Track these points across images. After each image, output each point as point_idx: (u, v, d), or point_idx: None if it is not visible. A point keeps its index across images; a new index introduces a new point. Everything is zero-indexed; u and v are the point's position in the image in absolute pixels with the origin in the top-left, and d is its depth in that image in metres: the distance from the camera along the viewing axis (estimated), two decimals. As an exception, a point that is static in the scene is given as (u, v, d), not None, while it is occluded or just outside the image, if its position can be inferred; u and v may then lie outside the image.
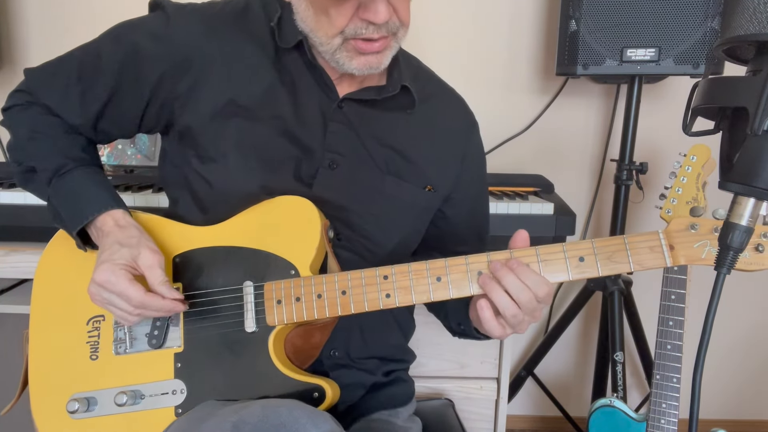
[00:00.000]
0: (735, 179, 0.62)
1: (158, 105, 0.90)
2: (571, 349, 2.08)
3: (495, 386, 1.41)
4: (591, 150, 1.93)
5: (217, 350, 0.85)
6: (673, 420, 1.25)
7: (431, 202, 0.99)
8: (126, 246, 0.82)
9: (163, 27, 0.88)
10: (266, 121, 0.88)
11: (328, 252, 0.87)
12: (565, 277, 0.77)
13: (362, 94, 0.91)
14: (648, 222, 1.94)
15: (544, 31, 1.84)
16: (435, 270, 0.80)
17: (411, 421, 1.03)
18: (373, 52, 0.82)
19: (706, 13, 1.45)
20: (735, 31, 0.61)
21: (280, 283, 0.83)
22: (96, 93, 0.89)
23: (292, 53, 0.89)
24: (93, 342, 0.89)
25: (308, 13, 0.82)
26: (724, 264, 0.64)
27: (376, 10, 0.76)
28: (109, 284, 0.79)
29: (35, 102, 0.91)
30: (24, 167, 0.91)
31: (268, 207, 0.86)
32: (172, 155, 0.95)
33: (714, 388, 2.08)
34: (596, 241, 0.77)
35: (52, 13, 1.80)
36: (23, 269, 1.31)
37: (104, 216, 0.86)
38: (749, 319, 2.03)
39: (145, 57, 0.87)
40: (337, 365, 0.95)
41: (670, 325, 1.25)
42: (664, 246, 0.75)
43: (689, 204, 1.22)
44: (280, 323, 0.83)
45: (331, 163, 0.90)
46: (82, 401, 0.86)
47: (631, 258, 0.76)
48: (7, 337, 1.63)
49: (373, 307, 0.81)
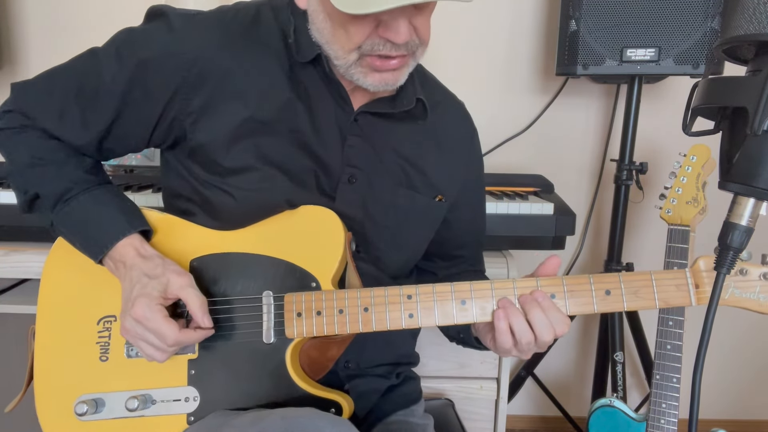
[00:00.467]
0: (735, 179, 0.62)
1: (168, 122, 0.86)
2: (571, 349, 2.08)
3: (495, 386, 1.41)
4: (591, 150, 1.93)
5: (233, 359, 0.83)
6: (673, 420, 1.25)
7: (440, 211, 0.98)
8: (153, 278, 0.79)
9: (172, 40, 0.84)
10: (285, 135, 0.86)
11: (349, 264, 0.85)
12: (591, 310, 0.78)
13: (377, 106, 0.90)
14: (648, 222, 1.94)
15: (544, 31, 1.84)
16: (460, 293, 0.79)
17: (426, 418, 1.04)
18: (389, 70, 0.79)
19: (706, 13, 1.45)
20: (735, 31, 0.61)
21: (300, 295, 0.82)
22: (99, 114, 0.86)
23: (307, 66, 0.87)
24: (103, 343, 0.87)
25: (326, 25, 0.79)
26: (724, 264, 0.64)
27: (398, 30, 0.73)
28: (146, 320, 0.77)
29: (31, 126, 0.87)
30: (29, 195, 0.87)
31: (290, 216, 0.85)
32: (179, 168, 0.91)
33: (714, 388, 2.08)
34: (623, 275, 0.77)
35: (52, 13, 1.80)
36: (23, 269, 1.31)
37: (123, 246, 0.83)
38: (749, 319, 2.03)
39: (155, 75, 0.83)
40: (352, 376, 0.94)
41: (670, 325, 1.25)
42: (690, 285, 0.75)
43: (689, 204, 1.22)
44: (299, 336, 0.81)
45: (351, 178, 0.89)
46: (90, 403, 0.84)
47: (657, 295, 0.76)
48: (8, 337, 1.63)
49: (395, 326, 0.80)
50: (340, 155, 0.89)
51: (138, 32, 0.86)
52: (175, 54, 0.83)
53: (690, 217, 1.21)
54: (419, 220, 0.96)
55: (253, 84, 0.85)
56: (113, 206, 0.86)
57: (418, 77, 0.95)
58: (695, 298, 0.75)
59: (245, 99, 0.85)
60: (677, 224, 1.23)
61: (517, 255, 1.47)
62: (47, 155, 0.86)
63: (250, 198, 0.86)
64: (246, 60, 0.85)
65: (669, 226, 1.24)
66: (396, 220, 0.93)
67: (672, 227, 1.23)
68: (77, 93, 0.85)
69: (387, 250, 0.93)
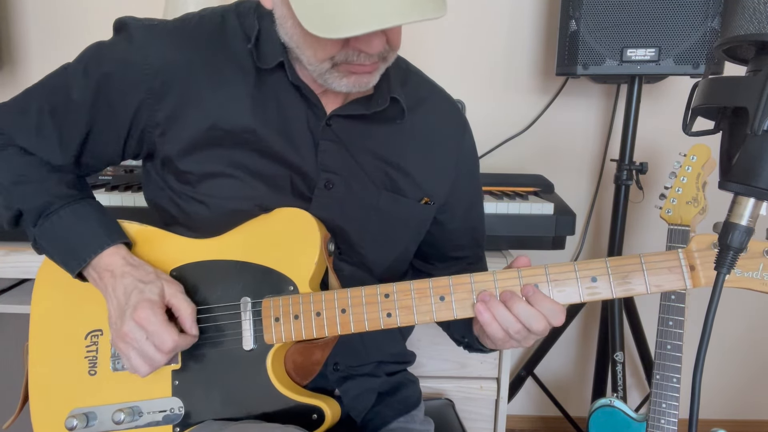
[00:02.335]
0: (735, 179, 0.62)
1: (138, 134, 0.86)
2: (571, 349, 2.08)
3: (495, 386, 1.41)
4: (591, 150, 1.93)
5: (215, 368, 0.83)
6: (673, 420, 1.25)
7: (427, 214, 0.96)
8: (149, 283, 0.80)
9: (133, 52, 0.83)
10: (252, 143, 0.85)
11: (328, 267, 0.84)
12: (577, 299, 0.73)
13: (350, 109, 0.87)
14: (648, 222, 1.94)
15: (544, 31, 1.84)
16: (438, 289, 0.76)
17: (427, 423, 1.03)
18: (365, 72, 0.78)
19: (706, 13, 1.45)
20: (735, 31, 0.61)
21: (278, 299, 0.81)
22: (73, 130, 0.85)
23: (274, 71, 0.85)
24: (91, 357, 0.87)
25: (295, 30, 0.77)
26: (724, 264, 0.63)
27: (370, 43, 0.73)
28: (149, 323, 0.76)
29: (10, 143, 0.87)
30: (13, 212, 0.86)
31: (265, 220, 0.84)
32: (157, 179, 0.90)
33: (714, 388, 2.08)
34: (610, 260, 0.72)
35: (52, 13, 1.80)
36: (23, 269, 1.31)
37: (110, 255, 0.83)
38: (749, 319, 2.03)
39: (118, 88, 0.83)
40: (342, 378, 0.93)
41: (670, 325, 1.25)
42: (684, 266, 0.71)
43: (689, 204, 1.22)
44: (278, 341, 0.81)
45: (327, 183, 0.87)
46: (81, 417, 0.84)
47: (648, 279, 0.71)
48: (8, 337, 1.63)
49: (373, 326, 0.78)
50: (315, 161, 0.87)
51: (104, 46, 0.86)
52: (135, 66, 0.82)
53: (690, 217, 1.21)
54: (404, 223, 0.94)
55: (218, 92, 0.84)
56: (93, 220, 0.86)
57: (399, 75, 0.92)
58: (690, 281, 0.70)
59: (210, 106, 0.84)
60: (677, 224, 1.23)
61: (517, 255, 1.46)
62: (29, 172, 0.86)
63: (223, 205, 0.85)
64: (210, 67, 0.84)
65: (669, 226, 1.24)
66: (379, 224, 0.91)
67: (672, 227, 1.23)
68: (51, 110, 0.85)
69: (371, 253, 0.92)
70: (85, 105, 0.84)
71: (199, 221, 0.87)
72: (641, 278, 0.71)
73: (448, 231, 1.01)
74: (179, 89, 0.83)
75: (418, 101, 0.94)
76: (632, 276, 0.72)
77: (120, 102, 0.84)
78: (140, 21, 0.86)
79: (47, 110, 0.85)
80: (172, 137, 0.85)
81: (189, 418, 0.83)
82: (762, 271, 0.68)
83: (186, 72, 0.83)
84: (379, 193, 0.91)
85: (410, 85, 0.94)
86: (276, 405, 0.81)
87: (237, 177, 0.85)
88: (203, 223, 0.87)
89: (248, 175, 0.85)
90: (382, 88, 0.88)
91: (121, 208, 1.35)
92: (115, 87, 0.83)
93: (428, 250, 1.02)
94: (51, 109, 0.85)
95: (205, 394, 0.83)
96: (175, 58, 0.83)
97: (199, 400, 0.83)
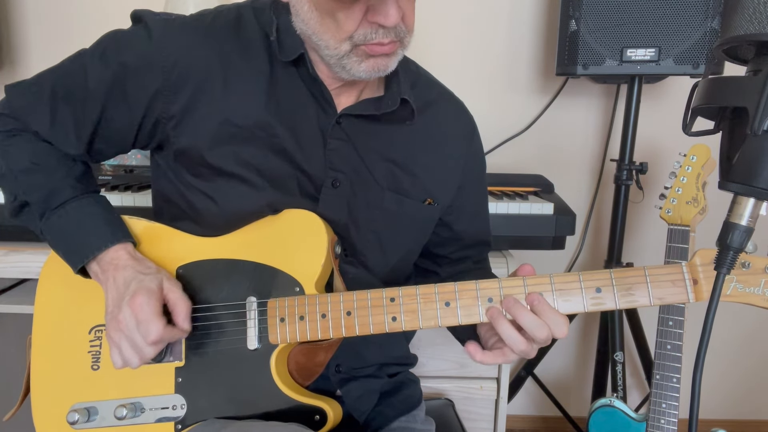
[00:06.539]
0: (735, 179, 0.62)
1: (151, 125, 0.86)
2: (571, 349, 2.08)
3: (495, 386, 1.41)
4: (591, 150, 1.93)
5: (219, 366, 0.83)
6: (673, 420, 1.25)
7: (432, 214, 0.97)
8: (149, 274, 0.81)
9: (151, 44, 0.83)
10: (263, 139, 0.85)
11: (334, 269, 0.84)
12: (581, 309, 0.73)
13: (361, 108, 0.88)
14: (648, 222, 1.94)
15: (544, 31, 1.84)
16: (444, 294, 0.77)
17: (428, 423, 1.03)
18: (383, 54, 0.78)
19: (706, 13, 1.45)
20: (735, 31, 0.61)
21: (284, 300, 0.81)
22: (87, 115, 0.86)
23: (289, 67, 0.86)
24: (95, 352, 0.87)
25: (312, 15, 0.77)
26: (723, 264, 0.63)
27: (387, 13, 0.73)
28: (140, 309, 0.76)
29: (24, 129, 0.87)
30: (18, 202, 0.87)
31: (273, 220, 0.84)
32: (167, 171, 0.91)
33: (714, 388, 2.08)
34: (615, 272, 0.73)
35: (52, 13, 1.80)
36: (23, 269, 1.31)
37: (116, 250, 0.84)
38: (749, 319, 2.03)
39: (135, 78, 0.84)
40: (344, 380, 0.93)
41: (670, 325, 1.25)
42: (687, 280, 0.71)
43: (689, 204, 1.22)
44: (282, 342, 0.81)
45: (334, 182, 0.88)
46: (83, 412, 0.85)
47: (652, 292, 0.72)
48: (7, 337, 1.63)
49: (378, 330, 0.78)
50: (323, 159, 0.87)
51: (122, 35, 0.87)
52: (153, 59, 0.83)
53: (690, 217, 1.21)
54: (408, 224, 0.94)
55: (232, 87, 0.85)
56: (99, 218, 0.87)
57: (409, 77, 0.93)
58: (693, 294, 0.71)
59: (224, 101, 0.84)
60: (677, 224, 1.23)
61: (517, 255, 1.47)
62: (41, 160, 0.87)
63: (231, 203, 0.86)
64: (225, 62, 0.84)
65: (669, 226, 1.24)
66: (383, 225, 0.92)
67: (672, 227, 1.23)
68: (65, 95, 0.85)
69: (375, 254, 0.92)
70: (100, 92, 0.84)
71: (208, 217, 0.87)
72: (645, 291, 0.72)
73: (456, 232, 1.02)
74: (195, 83, 0.84)
75: (427, 103, 0.94)
76: (636, 288, 0.73)
77: (135, 92, 0.84)
78: (158, 14, 0.87)
79: (61, 95, 0.85)
80: (185, 130, 0.85)
81: (191, 415, 0.83)
82: (763, 287, 0.69)
83: (202, 66, 0.84)
84: (384, 193, 0.91)
85: (420, 87, 0.95)
86: (278, 405, 0.81)
87: (246, 177, 0.85)
88: (211, 219, 0.87)
89: (257, 176, 0.86)
90: (392, 89, 0.89)
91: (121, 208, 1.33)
92: (131, 77, 0.84)
93: (435, 250, 1.03)
94: (66, 95, 0.85)
95: (208, 392, 0.83)
96: (191, 53, 0.84)
97: (202, 398, 0.83)
